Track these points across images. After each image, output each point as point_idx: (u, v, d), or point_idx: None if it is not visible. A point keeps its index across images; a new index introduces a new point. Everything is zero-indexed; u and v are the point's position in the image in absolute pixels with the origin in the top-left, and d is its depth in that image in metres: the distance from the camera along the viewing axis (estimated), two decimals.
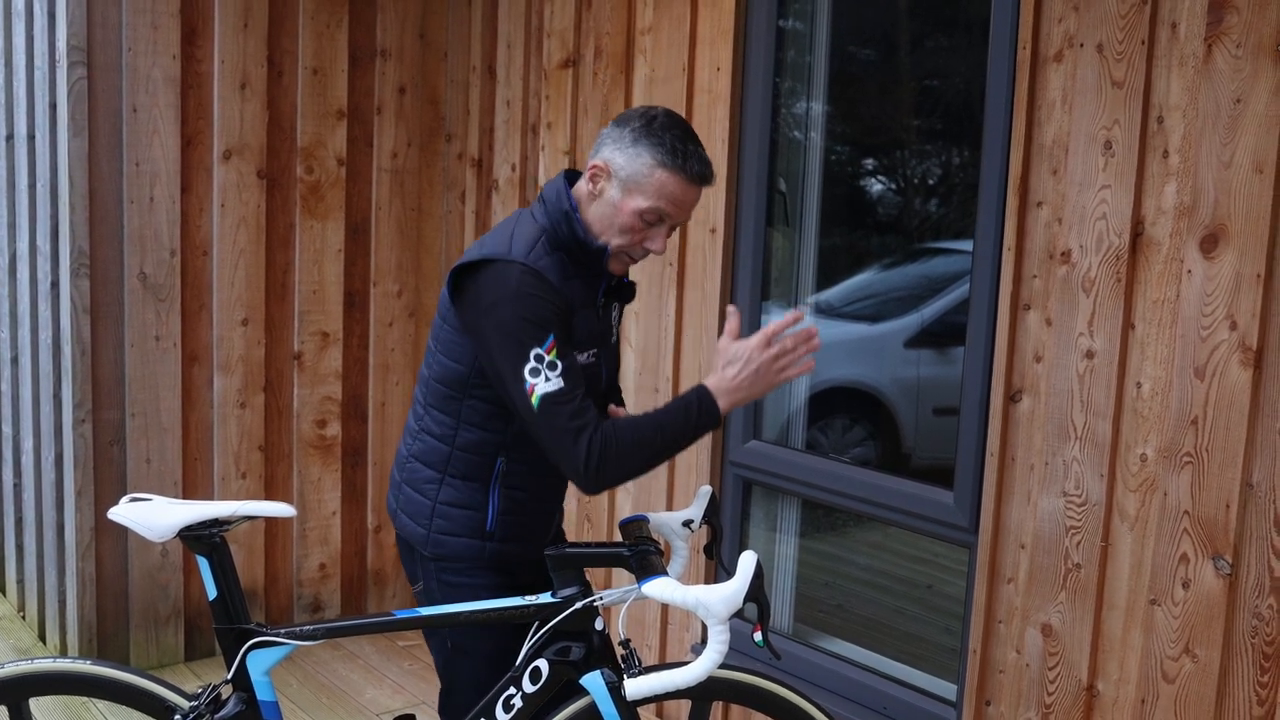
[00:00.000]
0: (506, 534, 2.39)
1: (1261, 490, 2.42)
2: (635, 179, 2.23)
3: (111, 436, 4.08)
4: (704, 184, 2.27)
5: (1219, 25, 2.45)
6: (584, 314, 2.31)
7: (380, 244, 4.61)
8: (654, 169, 2.22)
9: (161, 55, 4.02)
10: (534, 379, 2.15)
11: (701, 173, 2.25)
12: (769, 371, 2.26)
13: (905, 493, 3.19)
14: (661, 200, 2.23)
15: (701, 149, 2.27)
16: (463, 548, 2.39)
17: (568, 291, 2.26)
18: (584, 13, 4.03)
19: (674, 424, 2.21)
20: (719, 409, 2.24)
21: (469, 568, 2.40)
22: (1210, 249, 2.48)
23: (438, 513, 2.40)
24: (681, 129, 2.26)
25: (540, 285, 2.20)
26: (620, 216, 2.25)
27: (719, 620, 2.06)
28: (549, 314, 2.18)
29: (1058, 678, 2.80)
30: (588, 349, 2.33)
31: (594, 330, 2.35)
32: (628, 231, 2.26)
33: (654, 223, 2.26)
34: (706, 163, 2.27)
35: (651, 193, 2.23)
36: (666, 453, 2.24)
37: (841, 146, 3.77)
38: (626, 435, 2.18)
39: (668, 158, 2.22)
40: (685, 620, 3.79)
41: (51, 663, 2.32)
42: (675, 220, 2.28)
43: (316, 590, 4.61)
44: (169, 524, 2.25)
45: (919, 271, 4.07)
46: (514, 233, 2.30)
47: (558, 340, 2.17)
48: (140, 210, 4.03)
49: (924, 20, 3.56)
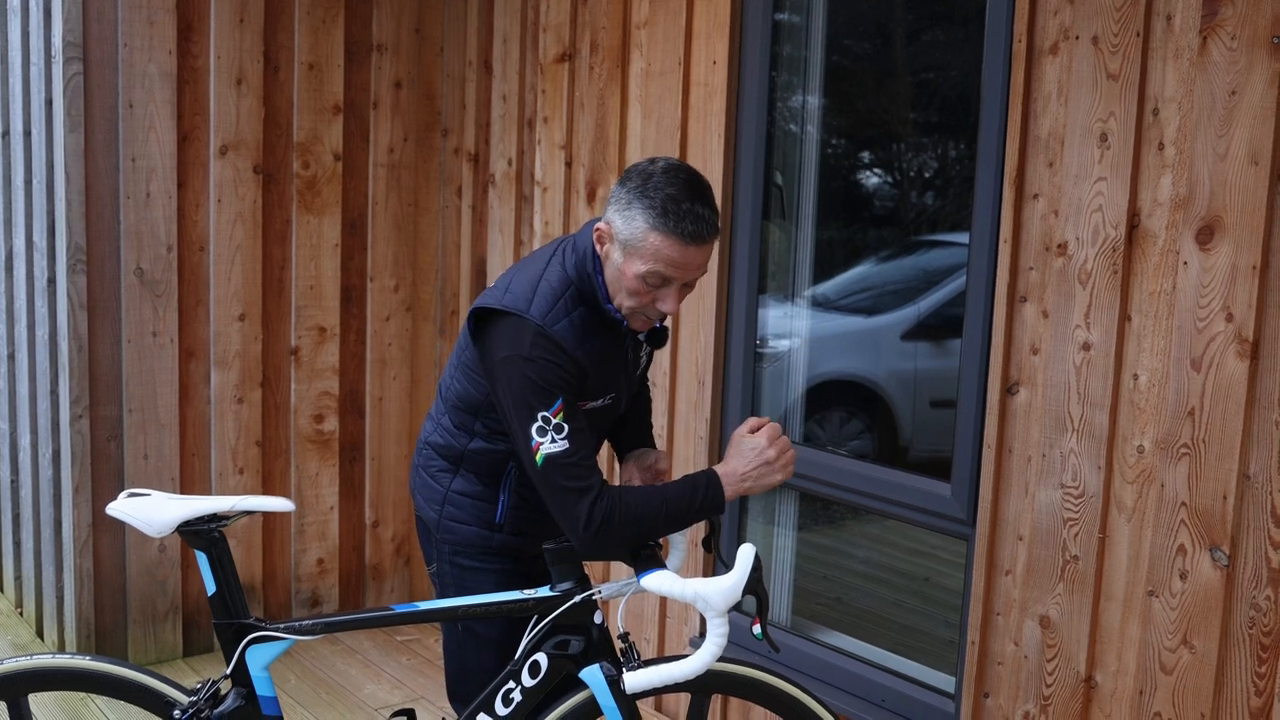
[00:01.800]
0: (516, 528, 2.46)
1: (1258, 481, 2.43)
2: (632, 243, 2.17)
3: (109, 432, 4.08)
4: (701, 243, 2.17)
5: (1214, 18, 2.45)
6: (607, 366, 2.31)
7: (377, 239, 4.61)
8: (647, 233, 2.15)
9: (157, 50, 4.01)
10: (540, 438, 2.16)
11: (696, 231, 2.14)
12: (774, 467, 2.27)
13: (903, 485, 3.19)
14: (658, 264, 2.16)
15: (700, 203, 2.16)
16: (472, 535, 2.45)
17: (587, 350, 2.25)
18: (580, 7, 4.03)
19: (679, 503, 2.22)
20: (724, 497, 2.25)
21: (479, 554, 2.46)
22: (1206, 241, 2.48)
23: (450, 500, 2.47)
24: (678, 185, 2.16)
25: (553, 350, 2.18)
26: (625, 280, 2.21)
27: (718, 613, 2.06)
28: (558, 379, 2.18)
29: (1056, 669, 2.81)
30: (605, 394, 2.35)
31: (614, 375, 2.36)
32: (635, 295, 2.22)
33: (658, 285, 2.20)
34: (702, 219, 2.16)
35: (648, 256, 2.16)
36: (666, 529, 2.24)
37: (838, 140, 3.77)
38: (632, 507, 2.18)
39: (658, 220, 2.14)
40: (684, 613, 3.79)
41: (51, 659, 2.32)
42: (681, 279, 2.21)
43: (314, 585, 4.61)
44: (168, 519, 2.26)
45: (915, 264, 4.07)
46: (540, 284, 2.27)
47: (565, 404, 2.17)
48: (137, 206, 4.03)
49: (919, 13, 3.56)
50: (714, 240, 2.21)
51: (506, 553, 2.48)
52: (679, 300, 2.24)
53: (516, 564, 2.49)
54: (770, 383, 3.74)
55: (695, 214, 2.15)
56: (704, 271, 2.24)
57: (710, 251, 2.22)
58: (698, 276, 2.24)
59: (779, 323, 3.78)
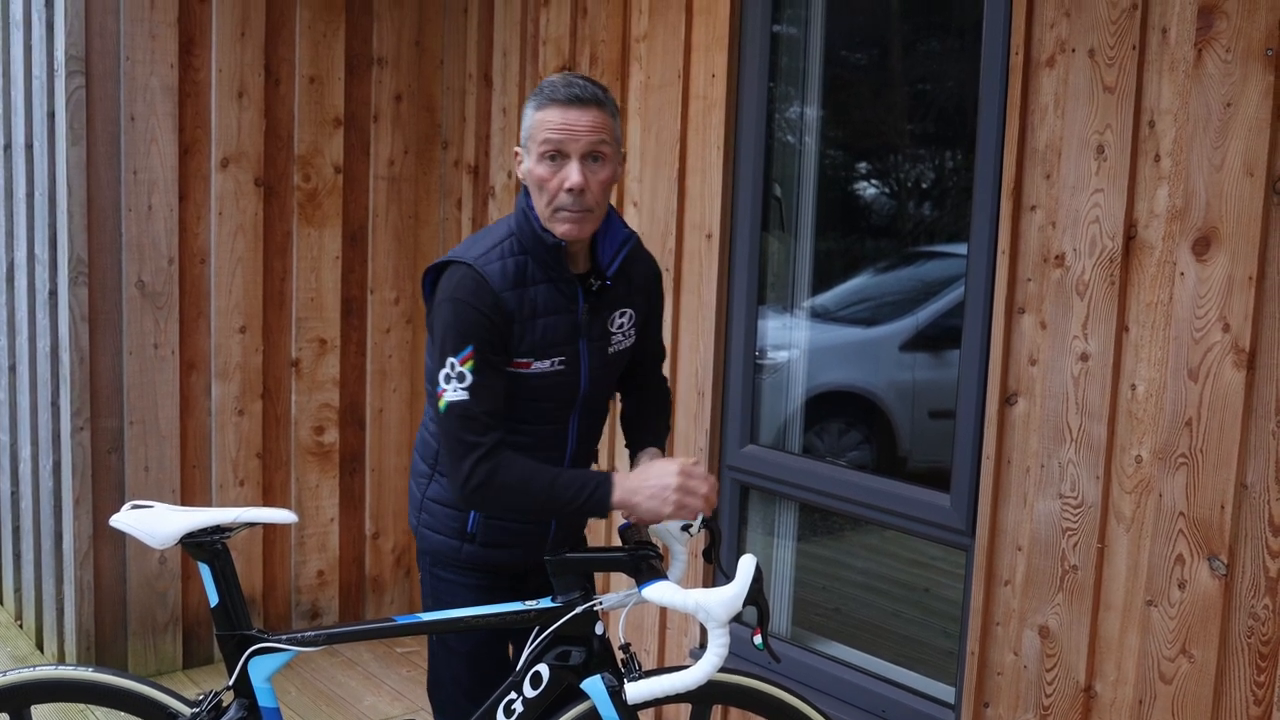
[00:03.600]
0: (488, 539, 2.41)
1: (1256, 491, 2.44)
2: (528, 135, 2.27)
3: (110, 444, 4.09)
4: (580, 104, 2.22)
5: (1209, 30, 2.47)
6: (548, 320, 2.29)
7: (377, 251, 4.63)
8: (533, 114, 2.26)
9: (159, 64, 4.03)
10: (445, 384, 2.22)
11: (570, 94, 2.22)
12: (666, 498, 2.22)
13: (902, 496, 3.20)
14: (548, 132, 2.22)
15: (576, 77, 2.26)
16: (442, 545, 2.43)
17: (522, 296, 2.26)
18: (579, 20, 4.05)
19: (564, 492, 2.21)
20: (610, 503, 2.22)
21: (450, 565, 2.45)
22: (1202, 252, 2.49)
23: (425, 507, 2.46)
24: (560, 75, 2.28)
25: (477, 292, 2.22)
26: (534, 177, 2.26)
27: (719, 624, 2.07)
28: (474, 324, 2.20)
29: (1055, 679, 2.82)
30: (553, 356, 2.31)
31: (565, 337, 2.32)
32: (544, 185, 2.25)
33: (556, 159, 2.23)
34: (577, 84, 2.23)
35: (539, 134, 2.24)
36: (546, 511, 2.26)
37: (836, 151, 3.79)
38: (515, 476, 2.19)
39: (537, 98, 2.25)
40: (684, 624, 3.80)
41: (53, 670, 2.32)
42: (573, 149, 2.22)
43: (314, 597, 4.61)
44: (171, 531, 2.27)
45: (914, 275, 4.08)
46: (484, 235, 2.34)
47: (476, 353, 2.20)
48: (138, 218, 4.04)
49: (917, 25, 3.58)
50: (601, 108, 2.25)
51: (478, 566, 2.43)
52: (584, 175, 2.22)
53: (493, 579, 2.44)
54: (769, 394, 3.75)
55: (570, 82, 2.24)
56: (603, 139, 2.24)
57: (603, 120, 2.24)
58: (598, 142, 2.24)
59: (778, 334, 3.79)
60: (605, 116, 2.25)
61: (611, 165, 2.29)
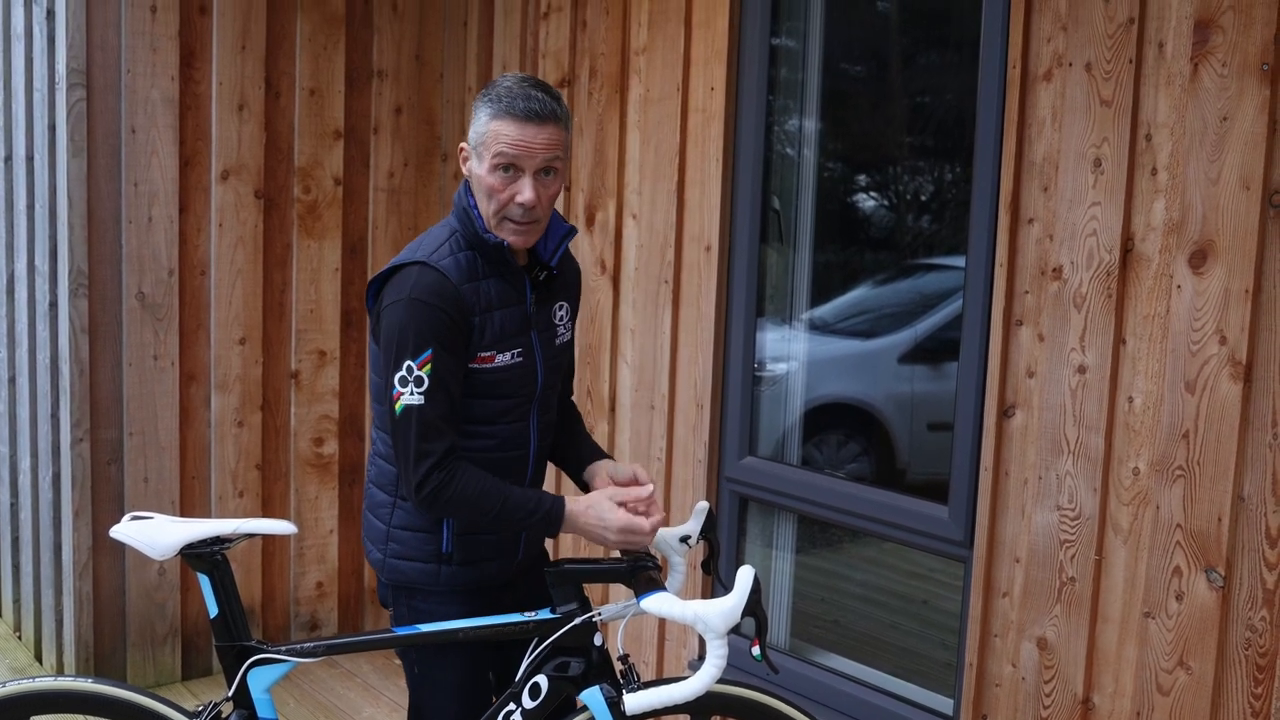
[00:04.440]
0: (466, 556, 2.34)
1: (1253, 503, 2.44)
2: (480, 141, 2.23)
3: (109, 456, 4.10)
4: (538, 120, 2.19)
5: (1205, 45, 2.48)
6: (503, 313, 2.28)
7: (377, 263, 4.64)
8: (488, 123, 2.21)
9: (160, 77, 4.05)
10: (401, 388, 2.19)
11: (528, 109, 2.18)
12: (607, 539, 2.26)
13: (900, 508, 3.21)
14: (501, 146, 2.19)
15: (536, 89, 2.21)
16: (418, 573, 2.34)
17: (477, 289, 2.25)
18: (579, 34, 4.07)
19: (518, 509, 2.23)
20: (559, 527, 2.26)
21: (430, 595, 2.36)
22: (1199, 265, 2.50)
23: (392, 537, 2.36)
24: (517, 78, 2.24)
25: (437, 288, 2.20)
26: (484, 184, 2.23)
27: (717, 635, 2.07)
28: (434, 325, 2.18)
29: (1053, 691, 2.82)
30: (511, 348, 2.30)
31: (518, 328, 2.32)
32: (495, 194, 2.23)
33: (511, 176, 2.21)
34: (537, 99, 2.19)
35: (492, 144, 2.20)
36: (497, 524, 2.26)
37: (835, 164, 3.80)
38: (471, 488, 2.19)
39: (495, 108, 2.20)
40: (683, 635, 3.80)
41: (53, 681, 2.33)
42: (528, 165, 2.20)
43: (313, 609, 4.61)
44: (171, 542, 2.27)
45: (912, 287, 4.09)
46: (425, 238, 2.32)
47: (435, 356, 2.17)
48: (138, 230, 4.05)
49: (915, 38, 3.60)
50: (556, 124, 2.22)
51: (459, 589, 2.35)
52: (536, 191, 2.22)
53: (472, 599, 2.36)
54: (768, 406, 3.76)
55: (529, 95, 2.19)
56: (556, 156, 2.23)
57: (557, 136, 2.22)
58: (551, 159, 2.23)
59: (777, 346, 3.80)
60: (560, 131, 2.24)
61: (561, 177, 2.29)
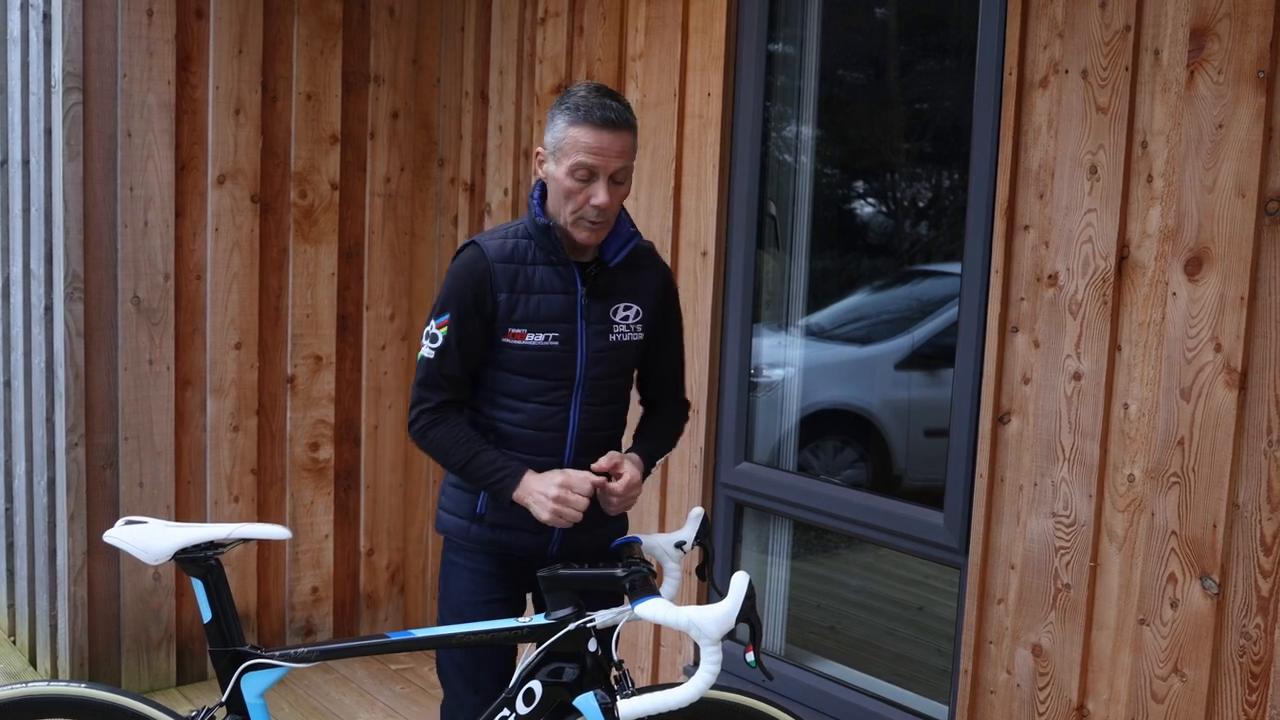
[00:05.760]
0: (496, 520, 2.54)
1: (1248, 510, 2.44)
2: (558, 146, 2.42)
3: (104, 460, 4.09)
4: (613, 128, 2.39)
5: (1200, 52, 2.49)
6: (543, 297, 2.48)
7: (373, 268, 4.64)
8: (567, 129, 2.41)
9: (156, 81, 4.05)
10: (424, 340, 2.50)
11: (605, 117, 2.38)
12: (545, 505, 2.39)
13: (896, 514, 3.21)
14: (580, 154, 2.39)
15: (610, 99, 2.41)
16: (454, 525, 2.59)
17: (518, 268, 2.47)
18: (576, 39, 4.07)
19: (481, 466, 2.45)
20: (509, 495, 2.43)
21: (458, 548, 2.60)
22: (1194, 272, 2.51)
23: (444, 491, 2.65)
24: (589, 89, 2.43)
25: (469, 263, 2.48)
26: (560, 185, 2.43)
27: (711, 641, 2.07)
28: (458, 291, 2.46)
29: (1048, 698, 2.82)
30: (546, 331, 2.48)
31: (560, 315, 2.49)
32: (571, 197, 2.42)
33: (586, 179, 2.40)
34: (610, 108, 2.39)
35: (571, 150, 2.40)
36: (464, 476, 2.48)
37: (831, 170, 3.81)
38: (447, 439, 2.46)
39: (573, 115, 2.40)
40: (678, 641, 3.80)
41: (45, 686, 2.32)
42: (604, 169, 2.40)
43: (309, 614, 4.60)
44: (165, 547, 2.27)
45: (909, 294, 4.09)
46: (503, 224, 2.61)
47: (452, 320, 2.46)
48: (134, 234, 4.05)
49: (912, 45, 3.60)
50: (630, 132, 2.43)
51: (484, 549, 2.56)
52: (609, 194, 2.41)
53: (500, 566, 2.56)
54: (764, 412, 3.76)
55: (605, 104, 2.40)
56: (627, 164, 2.43)
57: (630, 143, 2.43)
58: (621, 167, 2.42)
59: (773, 352, 3.80)
60: (631, 138, 2.44)
61: (630, 181, 2.50)
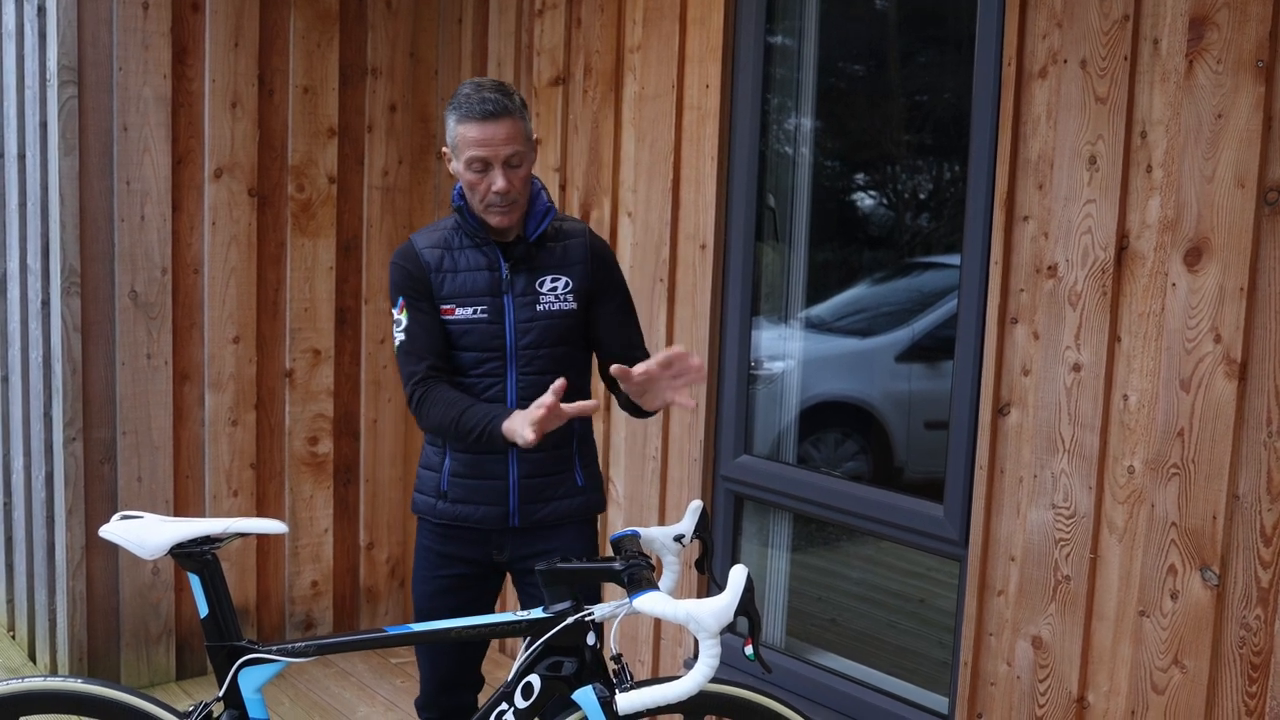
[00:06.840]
0: (459, 494, 2.69)
1: (1247, 501, 2.44)
2: (454, 145, 2.56)
3: (102, 455, 4.08)
4: (495, 118, 2.48)
5: (1200, 42, 2.48)
6: (468, 274, 2.64)
7: (371, 261, 4.63)
8: (455, 128, 2.54)
9: (152, 74, 4.03)
10: (394, 331, 2.68)
11: (484, 110, 2.48)
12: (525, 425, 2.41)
13: (896, 506, 3.20)
14: (471, 148, 2.51)
15: (489, 90, 2.50)
16: (424, 504, 2.75)
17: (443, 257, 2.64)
18: (573, 31, 4.06)
19: (469, 420, 2.53)
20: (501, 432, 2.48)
21: (425, 528, 2.75)
22: (1194, 262, 2.50)
23: (417, 474, 2.80)
24: (473, 84, 2.53)
25: (401, 253, 2.68)
26: (464, 180, 2.58)
27: (710, 634, 2.06)
28: (398, 280, 2.66)
29: (1048, 689, 2.81)
30: (474, 305, 2.63)
31: (485, 290, 2.63)
32: (474, 188, 2.56)
33: (483, 170, 2.53)
34: (489, 100, 2.49)
35: (463, 147, 2.53)
36: (461, 436, 2.56)
37: (830, 162, 3.79)
38: (439, 402, 2.58)
39: (457, 112, 2.53)
40: (677, 635, 3.79)
41: (43, 681, 2.32)
42: (495, 158, 2.50)
43: (308, 608, 4.60)
44: (161, 541, 2.26)
45: (909, 286, 4.08)
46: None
47: (406, 302, 2.64)
48: (131, 228, 4.04)
49: (911, 36, 3.59)
50: (512, 117, 2.50)
51: (450, 526, 2.69)
52: (506, 179, 2.52)
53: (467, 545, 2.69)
54: (764, 404, 3.75)
55: (484, 98, 2.50)
56: (518, 149, 2.52)
57: (517, 128, 2.51)
58: (513, 152, 2.52)
59: (773, 344, 3.79)
60: (516, 122, 2.53)
61: (528, 161, 2.59)
